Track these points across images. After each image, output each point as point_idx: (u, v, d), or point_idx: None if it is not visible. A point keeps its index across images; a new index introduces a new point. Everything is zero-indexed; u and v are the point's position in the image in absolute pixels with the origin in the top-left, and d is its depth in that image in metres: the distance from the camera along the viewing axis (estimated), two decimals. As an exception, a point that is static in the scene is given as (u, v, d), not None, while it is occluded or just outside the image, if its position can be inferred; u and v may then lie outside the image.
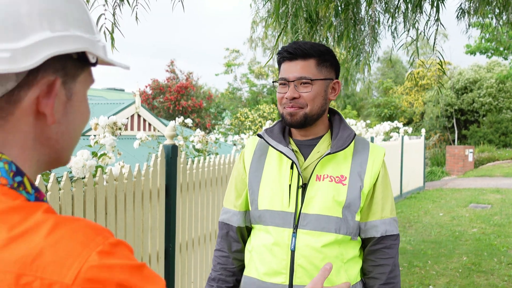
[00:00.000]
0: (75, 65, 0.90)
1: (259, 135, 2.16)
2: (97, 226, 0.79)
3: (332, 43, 4.96)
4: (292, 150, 2.07)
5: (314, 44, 2.03)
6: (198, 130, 7.50)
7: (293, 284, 2.00)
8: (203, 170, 5.13)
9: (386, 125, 16.21)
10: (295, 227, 2.01)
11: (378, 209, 2.06)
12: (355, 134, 2.05)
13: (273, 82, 2.20)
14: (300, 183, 2.03)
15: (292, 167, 2.04)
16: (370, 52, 4.67)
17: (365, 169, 2.04)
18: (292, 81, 2.00)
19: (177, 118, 7.65)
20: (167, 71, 30.05)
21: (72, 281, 0.71)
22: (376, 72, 44.92)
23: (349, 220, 2.01)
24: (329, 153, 1.99)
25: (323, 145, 2.08)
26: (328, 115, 2.19)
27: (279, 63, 2.10)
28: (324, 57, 2.03)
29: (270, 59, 3.69)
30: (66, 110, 0.89)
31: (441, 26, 4.21)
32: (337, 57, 2.14)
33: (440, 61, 4.08)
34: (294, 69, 2.01)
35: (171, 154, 4.55)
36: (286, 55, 2.04)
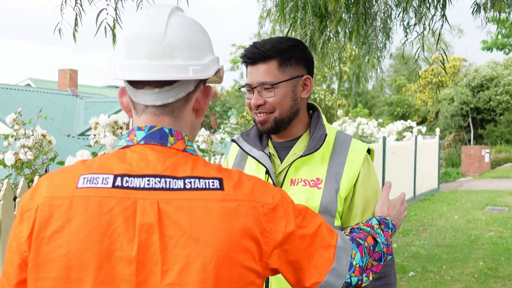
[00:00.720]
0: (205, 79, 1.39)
1: (233, 140, 2.12)
2: None
3: (342, 39, 4.95)
4: (269, 153, 2.03)
5: (275, 43, 1.94)
6: (202, 129, 7.51)
7: None
8: (208, 171, 5.14)
9: (399, 124, 16.19)
10: None
11: (358, 212, 1.94)
12: (326, 134, 1.95)
13: (239, 88, 2.13)
14: None
15: (267, 172, 1.98)
16: (382, 48, 4.66)
17: (343, 170, 1.95)
18: (255, 87, 1.94)
19: (181, 117, 7.64)
20: (170, 68, 30.09)
21: (272, 201, 1.29)
22: (388, 69, 44.81)
23: None
24: (301, 156, 1.93)
25: (300, 146, 2.02)
26: (312, 111, 2.12)
27: (246, 67, 2.02)
28: (287, 55, 1.94)
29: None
30: (201, 109, 1.40)
31: (446, 22, 4.19)
32: (308, 50, 2.04)
33: (442, 57, 4.06)
34: (256, 73, 1.94)
35: (175, 154, 4.55)
36: (246, 59, 1.96)
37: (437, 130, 15.90)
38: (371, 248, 1.57)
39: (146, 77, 1.24)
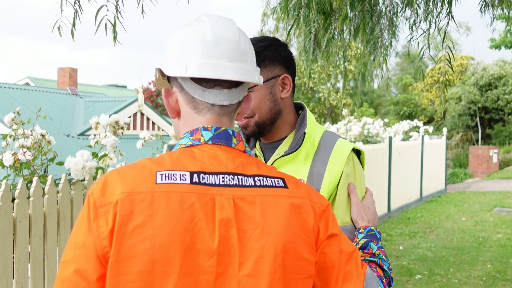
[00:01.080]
0: None
1: None
2: None
3: (347, 37, 4.95)
4: (255, 154, 2.03)
5: None
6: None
7: None
8: (210, 172, 5.14)
9: (405, 124, 16.15)
10: None
11: (339, 214, 1.86)
12: (305, 133, 1.93)
13: None
14: None
15: None
16: (388, 46, 4.65)
17: (325, 170, 1.90)
18: None
19: (182, 117, 7.64)
20: (172, 66, 30.09)
21: (324, 203, 1.44)
22: (394, 68, 44.79)
23: None
24: (281, 156, 1.92)
25: (284, 147, 2.00)
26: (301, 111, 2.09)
27: None
28: (260, 57, 1.89)
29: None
30: (242, 113, 1.53)
31: (452, 20, 4.19)
32: (286, 48, 2.00)
33: (449, 55, 4.05)
34: None
35: (176, 154, 4.55)
36: None
37: (444, 130, 15.89)
38: (384, 278, 1.65)
39: (228, 76, 1.36)
